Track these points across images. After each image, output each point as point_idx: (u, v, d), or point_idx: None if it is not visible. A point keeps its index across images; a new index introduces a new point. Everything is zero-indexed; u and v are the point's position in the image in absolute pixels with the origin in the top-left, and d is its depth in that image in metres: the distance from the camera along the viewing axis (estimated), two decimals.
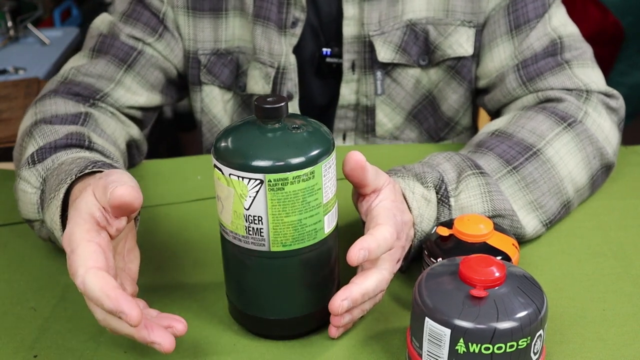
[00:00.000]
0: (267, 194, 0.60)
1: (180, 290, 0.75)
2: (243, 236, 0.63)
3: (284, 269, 0.64)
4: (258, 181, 0.60)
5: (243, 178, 0.60)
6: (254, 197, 0.60)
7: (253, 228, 0.62)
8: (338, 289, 0.68)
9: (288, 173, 0.60)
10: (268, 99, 0.62)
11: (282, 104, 0.61)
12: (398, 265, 0.71)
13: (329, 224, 0.65)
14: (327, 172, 0.62)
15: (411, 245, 0.74)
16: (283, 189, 0.60)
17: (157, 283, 0.77)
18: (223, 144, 0.61)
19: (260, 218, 0.61)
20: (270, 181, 0.60)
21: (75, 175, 0.70)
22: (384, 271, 0.67)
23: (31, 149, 0.82)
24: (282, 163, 0.59)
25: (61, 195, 0.69)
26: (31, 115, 0.90)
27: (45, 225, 0.75)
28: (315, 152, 0.61)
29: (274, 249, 0.63)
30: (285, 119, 0.63)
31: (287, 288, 0.66)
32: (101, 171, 0.70)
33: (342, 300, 0.65)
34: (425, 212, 0.74)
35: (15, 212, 0.90)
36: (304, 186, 0.61)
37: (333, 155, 0.63)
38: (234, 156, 0.60)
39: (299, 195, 0.61)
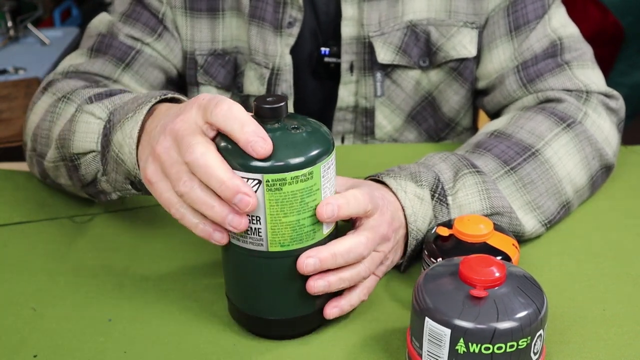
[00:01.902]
0: (265, 194, 0.60)
1: (180, 290, 0.76)
2: (241, 236, 0.63)
3: (282, 270, 0.64)
4: (256, 181, 0.60)
5: (241, 178, 0.60)
6: None
7: (251, 228, 0.62)
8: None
9: (286, 173, 0.59)
10: (267, 99, 0.62)
11: (282, 103, 0.61)
12: (388, 245, 0.70)
13: (327, 225, 0.65)
14: (326, 172, 0.62)
15: (407, 242, 0.74)
16: (281, 189, 0.60)
17: (157, 282, 0.77)
18: (222, 144, 0.61)
19: (258, 218, 0.61)
20: (269, 181, 0.59)
21: (160, 97, 0.71)
22: (362, 237, 0.66)
23: (77, 102, 0.81)
24: (280, 163, 0.59)
25: (144, 111, 0.70)
26: (48, 97, 0.89)
27: (110, 150, 0.74)
28: (313, 153, 0.61)
29: (272, 249, 0.63)
30: (285, 118, 0.62)
31: (285, 288, 0.65)
32: (178, 100, 0.73)
33: (306, 257, 0.63)
34: (418, 210, 0.74)
35: (15, 212, 0.90)
36: (302, 187, 0.60)
37: (332, 156, 0.63)
38: (233, 156, 0.60)
39: (297, 196, 0.61)
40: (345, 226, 0.71)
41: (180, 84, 1.09)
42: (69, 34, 2.35)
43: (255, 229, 0.62)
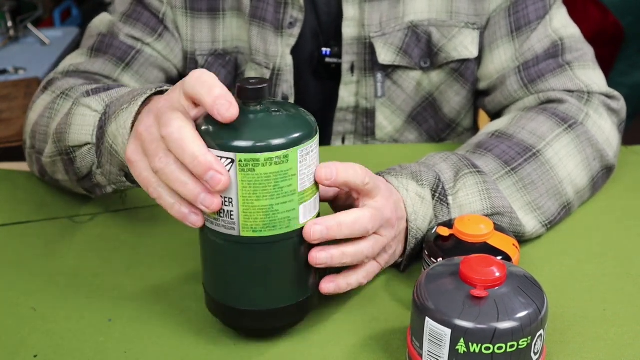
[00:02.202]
0: (237, 174, 0.59)
1: (180, 290, 0.76)
2: (214, 218, 0.62)
3: (254, 256, 0.62)
4: (229, 160, 0.59)
5: (216, 156, 0.59)
6: None
7: (224, 210, 0.61)
8: (317, 287, 0.67)
9: (259, 154, 0.58)
10: (250, 81, 0.61)
11: (264, 85, 0.60)
12: (391, 232, 0.70)
13: (305, 215, 0.63)
14: (304, 158, 0.61)
15: (407, 240, 0.74)
16: (254, 170, 0.59)
17: (158, 282, 0.77)
18: (202, 123, 0.61)
19: (230, 200, 0.60)
20: (241, 161, 0.58)
21: (156, 89, 0.71)
22: (366, 211, 0.66)
23: (75, 97, 0.81)
24: (253, 143, 0.58)
25: (139, 102, 0.69)
26: (47, 95, 0.90)
27: (104, 141, 0.74)
28: (290, 136, 0.59)
29: (244, 233, 0.61)
30: (270, 103, 0.62)
31: (257, 276, 0.63)
32: None
33: (313, 224, 0.63)
34: (419, 210, 0.74)
35: (15, 212, 0.90)
36: (276, 170, 0.59)
37: (313, 142, 0.61)
38: (208, 134, 0.59)
39: (271, 179, 0.59)
40: None
41: None
42: (69, 34, 2.35)
43: (227, 211, 0.61)
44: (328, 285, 0.67)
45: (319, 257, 0.64)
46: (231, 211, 0.61)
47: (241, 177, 0.59)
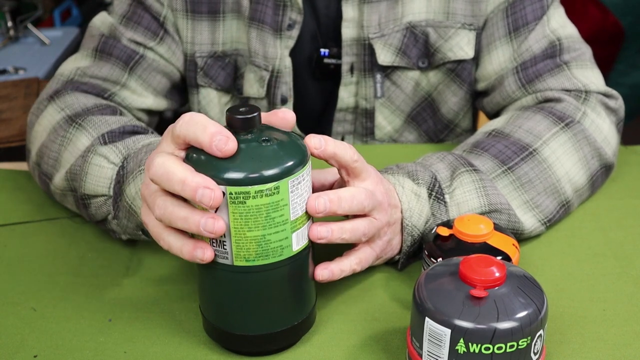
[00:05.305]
0: (228, 206, 0.58)
1: (180, 290, 0.76)
2: None
3: (247, 285, 0.62)
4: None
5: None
6: (217, 209, 0.59)
7: (216, 240, 0.61)
8: (312, 308, 0.67)
9: (250, 187, 0.58)
10: (240, 109, 0.60)
11: (254, 114, 0.59)
12: (384, 215, 0.70)
13: (298, 242, 0.62)
14: (295, 188, 0.60)
15: (402, 237, 0.74)
16: (245, 202, 0.58)
17: (157, 283, 0.77)
18: (193, 153, 0.60)
19: None
20: (232, 194, 0.58)
21: None
22: (359, 188, 0.66)
23: (92, 134, 0.82)
24: (243, 176, 0.58)
25: None
26: (56, 111, 0.89)
27: (122, 199, 0.75)
28: (281, 167, 0.58)
29: (237, 263, 0.61)
30: (260, 130, 0.61)
31: (251, 304, 0.63)
32: None
33: (317, 197, 0.62)
34: (415, 207, 0.74)
35: (15, 212, 0.90)
36: (268, 201, 0.59)
37: (304, 171, 0.61)
38: (198, 165, 0.59)
39: (262, 210, 0.59)
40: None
41: (183, 87, 1.09)
42: (69, 34, 2.35)
43: (220, 241, 0.60)
44: (322, 272, 0.67)
45: (320, 230, 0.64)
46: (224, 241, 0.60)
47: (232, 209, 0.59)
